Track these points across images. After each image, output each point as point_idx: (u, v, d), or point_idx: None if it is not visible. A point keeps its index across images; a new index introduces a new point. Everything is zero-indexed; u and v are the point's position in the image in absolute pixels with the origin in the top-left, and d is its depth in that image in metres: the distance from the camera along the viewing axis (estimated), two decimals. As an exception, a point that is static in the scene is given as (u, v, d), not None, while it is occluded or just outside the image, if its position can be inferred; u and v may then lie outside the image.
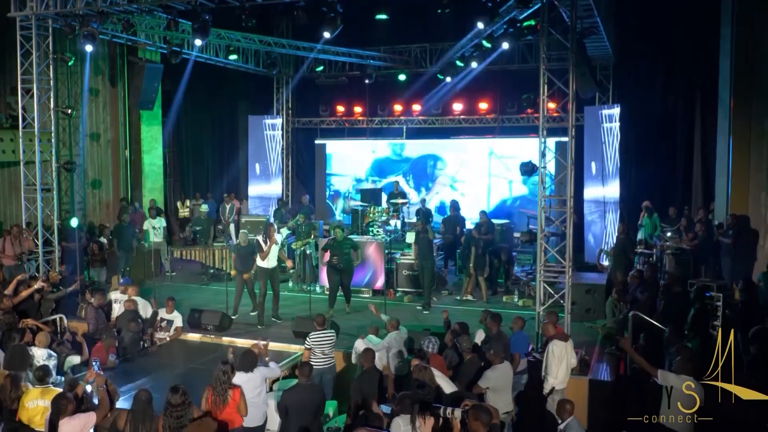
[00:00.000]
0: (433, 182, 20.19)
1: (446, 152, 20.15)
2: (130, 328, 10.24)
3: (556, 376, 8.21)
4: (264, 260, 12.24)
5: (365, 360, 8.14)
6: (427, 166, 20.32)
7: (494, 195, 19.55)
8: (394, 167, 20.50)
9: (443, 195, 19.72)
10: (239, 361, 7.92)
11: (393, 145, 20.56)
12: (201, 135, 20.39)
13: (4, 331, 9.43)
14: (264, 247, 12.14)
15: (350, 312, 12.72)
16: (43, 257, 13.04)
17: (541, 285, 10.08)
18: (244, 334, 11.37)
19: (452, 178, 19.99)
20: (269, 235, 12.22)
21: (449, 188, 19.96)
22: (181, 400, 6.54)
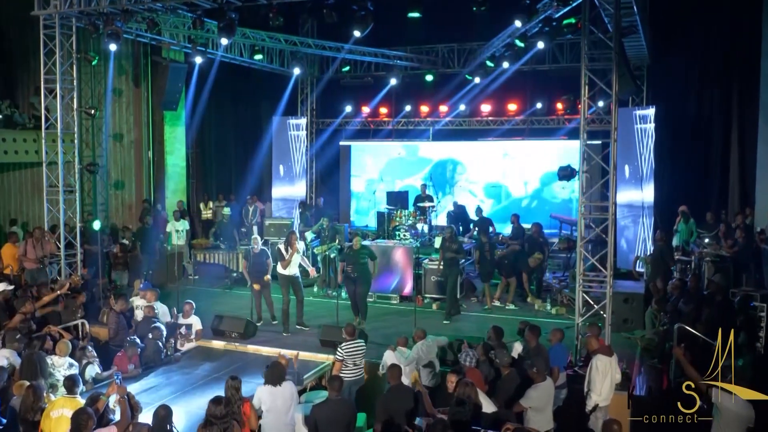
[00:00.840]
0: (452, 187, 19.86)
1: (467, 155, 19.88)
2: (153, 336, 9.94)
3: (600, 392, 7.78)
4: (285, 268, 11.82)
5: (392, 376, 7.69)
6: (446, 171, 19.99)
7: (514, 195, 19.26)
8: (411, 169, 20.15)
9: (462, 200, 19.31)
10: (266, 373, 7.58)
11: (405, 146, 20.31)
12: (224, 136, 20.09)
13: (24, 338, 9.17)
14: (285, 255, 11.72)
15: (362, 324, 11.67)
16: (65, 260, 12.79)
17: (580, 295, 9.63)
18: (269, 342, 11.04)
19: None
20: (290, 243, 11.80)
21: (468, 193, 19.61)
22: (225, 411, 6.29)
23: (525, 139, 18.62)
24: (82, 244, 13.26)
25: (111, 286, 13.40)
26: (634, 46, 14.52)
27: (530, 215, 17.50)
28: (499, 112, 18.88)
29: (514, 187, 19.50)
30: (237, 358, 10.42)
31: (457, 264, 12.68)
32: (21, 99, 17.15)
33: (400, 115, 19.78)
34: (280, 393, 7.38)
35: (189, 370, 9.74)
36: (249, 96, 20.14)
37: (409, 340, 9.46)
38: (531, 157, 19.13)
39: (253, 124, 20.80)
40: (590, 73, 9.59)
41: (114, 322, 10.43)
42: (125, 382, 7.71)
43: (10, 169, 17.04)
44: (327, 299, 13.99)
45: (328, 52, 17.09)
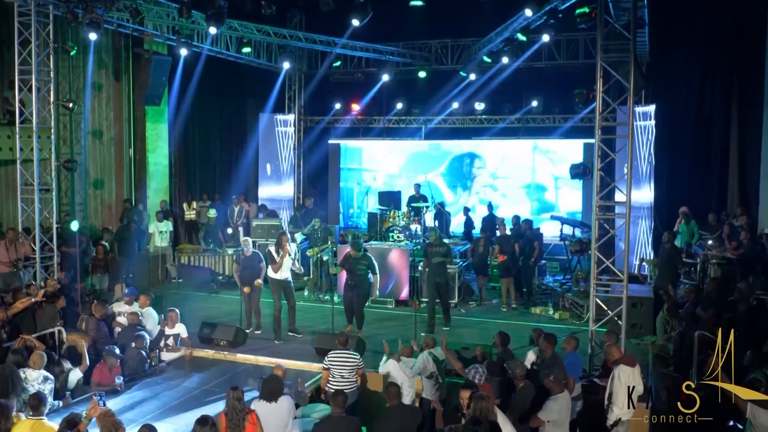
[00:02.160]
0: (472, 181, 19.38)
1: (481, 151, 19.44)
2: (136, 344, 9.24)
3: (622, 405, 7.22)
4: (276, 272, 11.11)
5: (389, 396, 7.02)
6: (463, 164, 19.55)
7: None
8: (432, 164, 19.65)
9: (483, 195, 19.01)
10: (261, 388, 6.95)
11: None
12: (208, 134, 19.35)
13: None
14: (276, 258, 11.02)
15: (358, 334, 10.83)
16: (40, 263, 12.04)
17: (594, 301, 9.07)
18: (260, 350, 10.39)
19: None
20: (281, 244, 11.09)
21: (490, 189, 19.12)
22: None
23: (520, 138, 18.07)
24: (59, 246, 12.49)
25: (90, 290, 12.65)
26: (638, 42, 14.05)
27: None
28: (494, 111, 18.32)
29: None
30: (226, 368, 9.77)
31: (446, 269, 11.82)
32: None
33: (391, 113, 19.15)
34: (275, 410, 6.75)
35: (175, 382, 9.06)
36: (234, 92, 19.45)
37: (414, 347, 8.84)
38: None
39: (238, 121, 20.11)
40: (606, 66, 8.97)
41: (93, 329, 9.72)
42: (106, 398, 7.06)
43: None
44: (319, 303, 13.37)
45: (318, 46, 16.43)
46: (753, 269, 12.79)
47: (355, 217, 19.93)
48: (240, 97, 19.75)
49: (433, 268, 11.57)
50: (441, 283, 11.60)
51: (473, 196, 19.17)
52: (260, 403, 6.80)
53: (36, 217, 11.95)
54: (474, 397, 6.41)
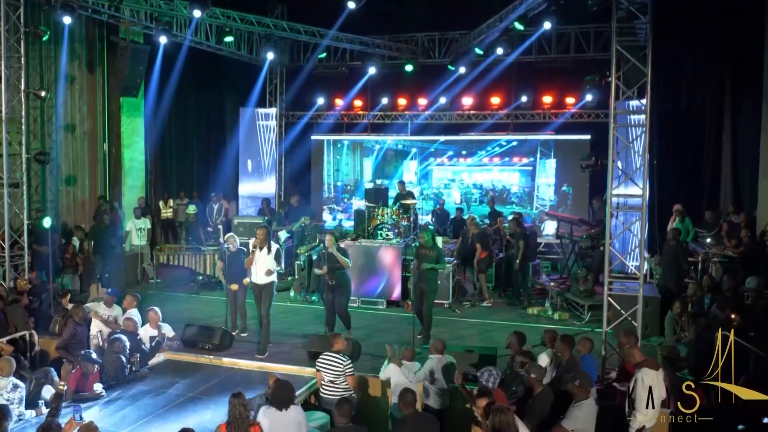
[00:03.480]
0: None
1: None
2: (114, 348, 8.55)
3: (646, 412, 6.73)
4: (254, 272, 9.88)
5: (405, 404, 6.45)
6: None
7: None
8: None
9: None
10: (271, 393, 6.36)
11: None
12: (185, 129, 18.58)
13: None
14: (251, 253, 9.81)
15: (348, 335, 10.04)
16: (9, 262, 11.26)
17: (606, 301, 8.58)
18: (247, 354, 9.71)
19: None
20: (258, 238, 9.79)
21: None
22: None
23: (509, 134, 17.61)
24: (30, 245, 11.73)
25: (62, 291, 11.88)
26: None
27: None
28: (482, 106, 17.83)
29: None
30: (212, 373, 9.09)
31: (436, 279, 10.67)
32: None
33: (376, 108, 18.56)
34: (285, 419, 6.16)
35: (159, 390, 8.38)
36: (213, 85, 18.71)
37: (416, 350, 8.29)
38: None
39: (217, 116, 19.38)
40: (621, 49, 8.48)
41: (69, 332, 9.01)
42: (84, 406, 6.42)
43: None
44: (307, 305, 12.75)
45: (303, 37, 15.82)
46: (755, 267, 12.45)
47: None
48: (219, 91, 19.04)
49: (420, 274, 10.46)
50: (425, 291, 10.42)
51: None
52: (270, 410, 6.21)
53: (5, 213, 11.18)
54: (493, 410, 5.87)
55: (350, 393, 7.84)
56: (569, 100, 17.03)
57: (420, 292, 10.42)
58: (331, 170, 19.13)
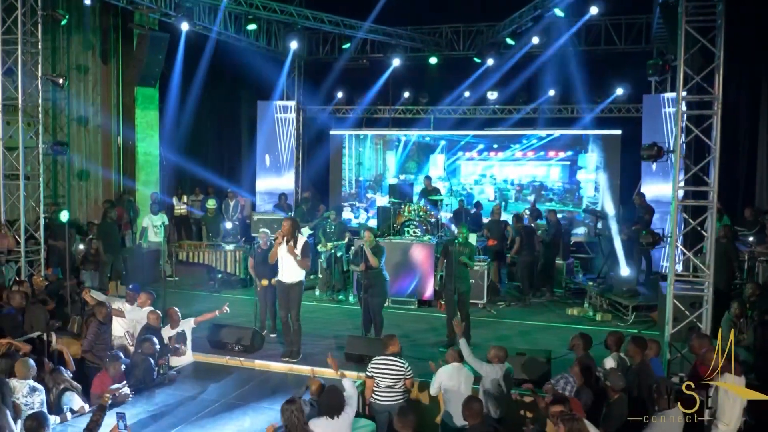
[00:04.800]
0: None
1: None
2: (143, 350, 7.99)
3: (729, 421, 6.17)
4: (279, 268, 9.03)
5: (471, 413, 5.89)
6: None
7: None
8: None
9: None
10: (321, 403, 5.80)
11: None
12: (199, 122, 17.97)
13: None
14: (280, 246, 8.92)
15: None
16: (25, 258, 10.70)
17: (671, 302, 8.01)
18: (279, 356, 9.14)
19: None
20: (282, 230, 8.86)
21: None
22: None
23: (536, 130, 17.05)
24: (45, 239, 11.18)
25: (80, 288, 11.32)
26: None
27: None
28: (507, 100, 17.26)
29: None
30: (244, 376, 8.53)
31: (469, 277, 10.07)
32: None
33: (398, 102, 17.99)
34: (338, 427, 5.60)
35: (190, 394, 7.81)
36: (228, 77, 18.11)
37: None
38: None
39: (232, 109, 18.83)
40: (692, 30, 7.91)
41: (93, 333, 8.45)
42: (125, 414, 5.86)
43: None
44: (335, 304, 12.20)
45: (326, 27, 15.29)
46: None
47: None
48: (234, 83, 18.46)
49: (456, 273, 9.70)
50: (463, 292, 9.80)
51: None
52: (321, 420, 5.66)
53: (21, 207, 10.62)
54: (565, 419, 5.31)
55: (404, 400, 7.30)
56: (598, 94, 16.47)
57: (457, 293, 9.72)
58: (353, 164, 18.45)
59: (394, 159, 18.29)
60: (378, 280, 9.58)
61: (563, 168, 16.77)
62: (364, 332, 9.60)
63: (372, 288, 9.51)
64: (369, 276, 9.47)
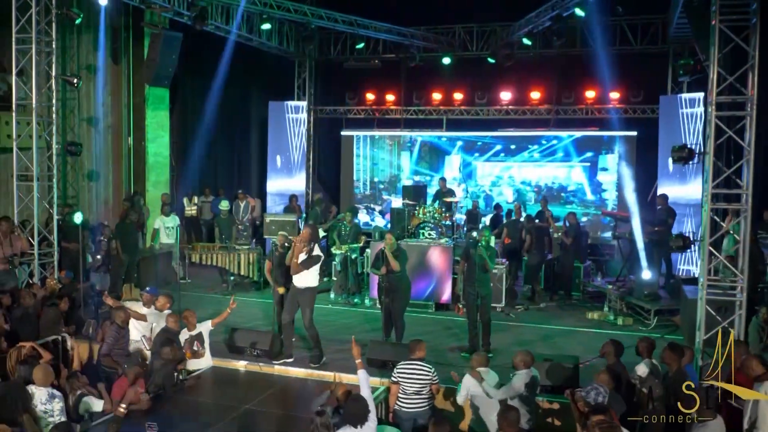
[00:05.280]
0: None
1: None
2: (162, 354, 7.82)
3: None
4: (293, 273, 8.77)
5: (509, 423, 5.69)
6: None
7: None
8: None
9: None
10: (345, 411, 5.63)
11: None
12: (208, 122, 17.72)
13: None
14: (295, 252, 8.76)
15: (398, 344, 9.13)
16: (38, 260, 10.55)
17: (703, 308, 7.83)
18: (300, 360, 8.96)
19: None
20: (302, 236, 8.77)
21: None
22: None
23: (550, 131, 16.88)
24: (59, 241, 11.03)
25: (94, 291, 11.18)
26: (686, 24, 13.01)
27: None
28: (521, 101, 17.08)
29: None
30: (265, 382, 8.36)
31: (490, 281, 9.82)
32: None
33: (410, 102, 17.80)
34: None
35: (211, 400, 7.67)
36: (238, 78, 17.87)
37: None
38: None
39: (242, 109, 18.60)
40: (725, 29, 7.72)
41: (112, 336, 8.29)
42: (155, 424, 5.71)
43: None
44: (350, 307, 12.03)
45: (340, 26, 15.11)
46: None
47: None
48: (244, 83, 18.25)
49: (477, 278, 9.40)
50: (484, 296, 9.49)
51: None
52: (346, 429, 5.49)
53: (35, 208, 10.47)
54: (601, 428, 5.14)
55: (430, 406, 7.14)
56: (613, 95, 16.31)
57: (476, 297, 9.47)
58: (367, 165, 18.24)
59: (408, 160, 18.07)
60: (400, 284, 9.40)
61: (584, 169, 16.54)
62: (384, 336, 9.41)
63: (393, 292, 9.32)
64: (390, 280, 9.28)
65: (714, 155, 7.72)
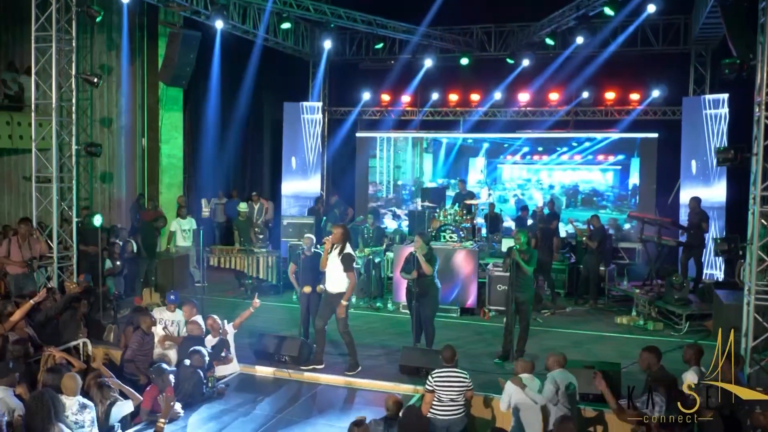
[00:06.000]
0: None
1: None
2: (193, 362, 7.59)
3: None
4: (326, 277, 8.67)
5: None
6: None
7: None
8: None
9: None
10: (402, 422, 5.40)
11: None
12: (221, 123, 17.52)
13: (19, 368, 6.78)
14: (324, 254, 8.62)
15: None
16: (57, 263, 10.31)
17: (752, 314, 7.57)
18: (330, 367, 8.72)
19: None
20: (333, 237, 8.58)
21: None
22: None
23: (569, 132, 16.65)
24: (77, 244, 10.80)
25: (113, 296, 10.95)
26: (715, 24, 12.80)
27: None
28: (539, 102, 16.84)
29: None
30: (296, 390, 8.14)
31: (531, 286, 9.42)
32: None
33: (427, 104, 17.55)
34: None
35: (242, 409, 7.42)
36: (251, 78, 17.63)
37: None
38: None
39: (255, 110, 18.36)
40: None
41: (138, 342, 8.06)
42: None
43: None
44: (372, 312, 11.78)
45: (360, 26, 14.89)
46: None
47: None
48: (257, 84, 17.99)
49: (515, 282, 9.04)
50: (523, 302, 9.14)
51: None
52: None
53: (54, 211, 10.23)
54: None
55: (465, 413, 6.91)
56: (633, 97, 16.10)
57: (512, 301, 9.11)
58: (390, 168, 17.98)
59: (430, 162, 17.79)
60: (430, 289, 9.13)
61: (615, 173, 16.28)
62: (415, 342, 9.17)
63: (423, 297, 9.07)
64: (421, 284, 9.00)
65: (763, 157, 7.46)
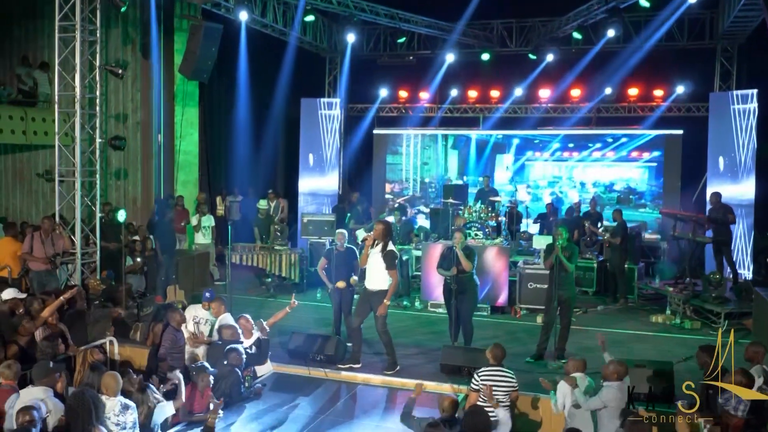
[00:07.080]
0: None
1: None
2: (230, 361, 7.32)
3: None
4: (367, 275, 8.44)
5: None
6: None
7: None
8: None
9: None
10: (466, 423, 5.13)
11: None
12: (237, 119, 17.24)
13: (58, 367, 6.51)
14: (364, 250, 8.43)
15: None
16: (80, 260, 10.03)
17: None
18: (366, 366, 8.44)
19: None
20: (375, 232, 8.36)
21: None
22: None
23: (591, 129, 16.40)
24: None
25: (136, 294, 10.67)
26: (747, 17, 12.58)
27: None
28: (561, 98, 16.59)
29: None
30: (334, 389, 7.88)
31: (574, 284, 9.10)
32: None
33: (446, 101, 17.30)
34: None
35: (282, 410, 7.16)
36: (267, 73, 17.37)
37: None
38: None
39: (270, 106, 18.08)
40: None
41: (170, 339, 7.78)
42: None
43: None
44: (401, 310, 11.50)
45: (382, 20, 14.64)
46: None
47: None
48: (273, 80, 17.73)
49: (557, 279, 8.74)
50: (565, 300, 8.80)
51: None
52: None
53: (77, 206, 9.96)
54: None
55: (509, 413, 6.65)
56: (657, 93, 15.87)
57: (553, 299, 8.78)
58: (417, 164, 17.67)
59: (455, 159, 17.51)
60: (469, 285, 8.87)
61: (650, 170, 16.01)
62: (453, 340, 8.90)
63: (462, 294, 8.79)
64: (460, 281, 8.73)
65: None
